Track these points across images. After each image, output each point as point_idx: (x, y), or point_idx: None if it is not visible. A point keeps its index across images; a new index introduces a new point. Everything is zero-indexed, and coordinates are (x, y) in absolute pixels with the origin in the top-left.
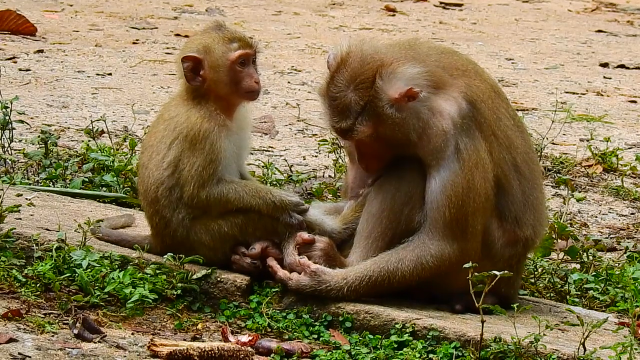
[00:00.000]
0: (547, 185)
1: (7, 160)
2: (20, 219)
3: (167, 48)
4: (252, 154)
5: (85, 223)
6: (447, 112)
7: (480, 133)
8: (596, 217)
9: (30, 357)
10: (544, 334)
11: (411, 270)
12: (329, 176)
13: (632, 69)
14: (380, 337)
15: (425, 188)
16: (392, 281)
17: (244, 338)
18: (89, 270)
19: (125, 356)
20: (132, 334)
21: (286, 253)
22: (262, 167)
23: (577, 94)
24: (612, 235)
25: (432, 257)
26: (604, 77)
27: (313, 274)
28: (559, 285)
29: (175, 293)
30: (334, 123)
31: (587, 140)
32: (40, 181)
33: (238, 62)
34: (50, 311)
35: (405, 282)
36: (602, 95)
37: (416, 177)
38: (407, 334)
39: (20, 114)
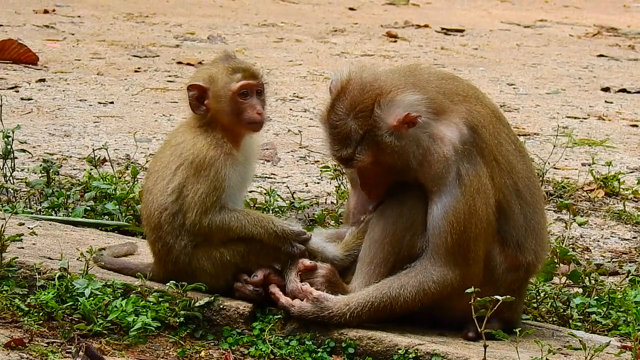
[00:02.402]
0: (549, 210)
1: (9, 189)
2: (22, 248)
3: (169, 76)
4: (254, 181)
5: (87, 251)
6: (448, 138)
7: (482, 158)
8: (598, 241)
9: None
10: (547, 359)
11: (413, 296)
12: (332, 203)
13: (634, 93)
14: None
15: (427, 214)
16: (395, 307)
17: None
18: (92, 298)
19: None
20: None
21: (288, 280)
22: (265, 194)
23: (579, 118)
24: (614, 259)
25: (435, 282)
26: (606, 101)
27: (315, 301)
28: (562, 310)
29: (178, 321)
30: (334, 151)
31: (589, 165)
32: (42, 210)
33: (240, 92)
34: (53, 340)
35: (407, 308)
36: (603, 119)
37: (418, 203)
38: None
39: (22, 143)
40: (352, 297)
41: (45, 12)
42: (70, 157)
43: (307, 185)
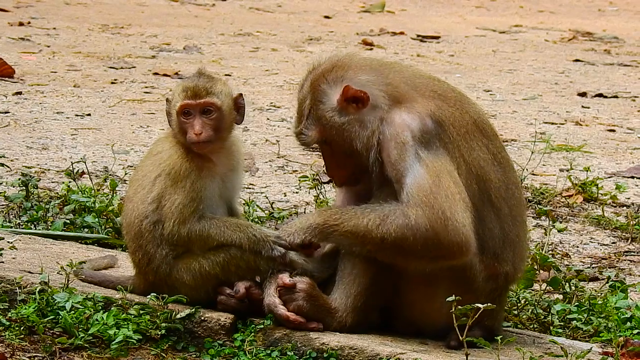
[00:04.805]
0: (528, 216)
1: None
2: (2, 262)
3: (146, 87)
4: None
5: (67, 265)
6: (405, 123)
7: (446, 152)
8: (577, 247)
9: None
10: None
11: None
12: (311, 212)
13: (610, 97)
14: None
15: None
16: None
17: None
18: (73, 312)
19: None
20: None
21: (267, 294)
22: (244, 204)
23: (556, 124)
24: (594, 265)
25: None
26: (583, 106)
27: None
28: (542, 317)
29: (159, 333)
30: (292, 128)
31: (567, 170)
32: (21, 224)
33: (181, 112)
34: (34, 354)
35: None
36: (580, 124)
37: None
38: None
39: (0, 156)
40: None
41: (21, 24)
42: (49, 170)
43: (285, 195)
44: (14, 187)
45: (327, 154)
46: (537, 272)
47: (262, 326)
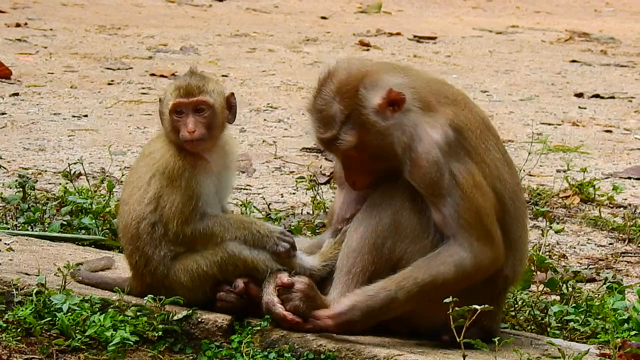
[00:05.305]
0: None
1: None
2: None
3: (143, 88)
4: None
5: (64, 267)
6: (432, 140)
7: (470, 159)
8: (575, 248)
9: None
10: None
11: (452, 282)
12: (308, 213)
13: (607, 98)
14: None
15: (434, 218)
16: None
17: None
18: (70, 314)
19: None
20: None
21: (265, 292)
22: (240, 205)
23: (553, 124)
24: (591, 266)
25: (471, 266)
26: (579, 107)
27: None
28: (540, 318)
29: (156, 335)
30: (319, 134)
31: (564, 171)
32: (18, 225)
33: (174, 111)
34: (31, 356)
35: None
36: (577, 125)
37: (399, 208)
38: None
39: None
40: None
41: (17, 25)
42: (45, 171)
43: (282, 196)
44: (11, 188)
45: (352, 160)
46: (535, 273)
47: (259, 328)
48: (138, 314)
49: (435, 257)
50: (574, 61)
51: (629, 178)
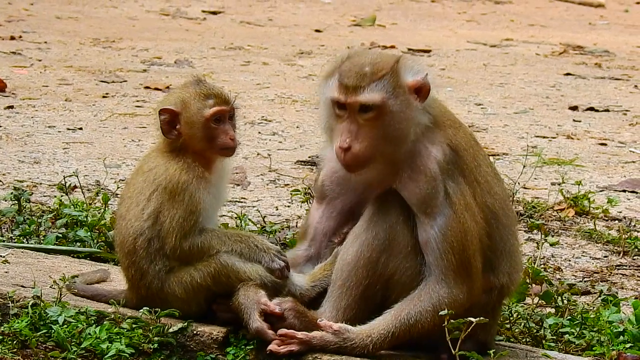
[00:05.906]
0: (520, 230)
1: None
2: None
3: (137, 101)
4: (224, 205)
5: (60, 279)
6: (433, 155)
7: (463, 179)
8: (569, 260)
9: None
10: None
11: (429, 321)
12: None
13: (601, 111)
14: None
15: (419, 236)
16: (412, 333)
17: None
18: (66, 326)
19: None
20: None
21: (252, 320)
22: (235, 218)
23: (548, 137)
24: (586, 279)
25: (447, 304)
26: (574, 120)
27: (337, 333)
28: (535, 330)
29: (152, 347)
30: (347, 80)
31: (559, 184)
32: (14, 238)
33: (213, 119)
34: None
35: (424, 332)
36: (572, 138)
37: (394, 224)
38: None
39: None
40: (373, 328)
41: (12, 38)
42: (41, 184)
43: (277, 209)
44: (6, 201)
45: (360, 124)
46: (530, 285)
47: (254, 340)
48: (134, 326)
49: (413, 299)
50: (568, 74)
51: (624, 191)
